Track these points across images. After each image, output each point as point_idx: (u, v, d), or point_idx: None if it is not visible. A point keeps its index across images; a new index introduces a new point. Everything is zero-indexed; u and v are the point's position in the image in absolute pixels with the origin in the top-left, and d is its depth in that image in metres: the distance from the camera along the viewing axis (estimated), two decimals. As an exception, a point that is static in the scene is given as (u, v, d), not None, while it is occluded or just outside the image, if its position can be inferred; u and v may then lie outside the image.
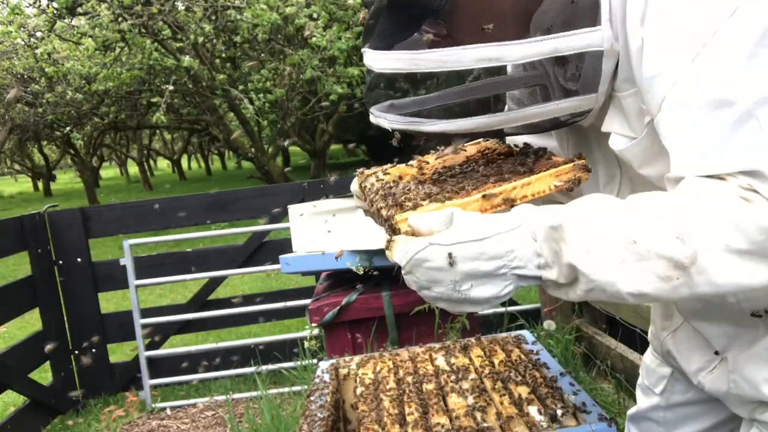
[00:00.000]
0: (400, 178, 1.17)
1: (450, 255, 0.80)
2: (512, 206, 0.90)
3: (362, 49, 1.01)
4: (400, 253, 0.83)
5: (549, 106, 0.97)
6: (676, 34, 0.83)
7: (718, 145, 0.78)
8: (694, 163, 0.81)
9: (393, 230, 0.93)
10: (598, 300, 0.83)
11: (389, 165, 1.26)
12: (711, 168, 0.79)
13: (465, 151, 1.26)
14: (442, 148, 1.31)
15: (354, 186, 1.27)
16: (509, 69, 1.16)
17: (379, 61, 0.96)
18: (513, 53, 0.90)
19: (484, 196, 0.91)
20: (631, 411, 1.44)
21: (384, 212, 0.97)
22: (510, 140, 1.33)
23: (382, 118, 1.02)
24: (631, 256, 0.76)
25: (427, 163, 1.24)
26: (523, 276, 0.82)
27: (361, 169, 1.29)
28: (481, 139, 1.29)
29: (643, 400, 1.41)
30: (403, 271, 0.83)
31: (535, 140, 1.26)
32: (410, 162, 1.27)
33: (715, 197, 0.76)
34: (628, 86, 0.93)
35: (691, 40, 0.81)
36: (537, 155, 1.09)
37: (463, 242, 0.80)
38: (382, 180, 1.14)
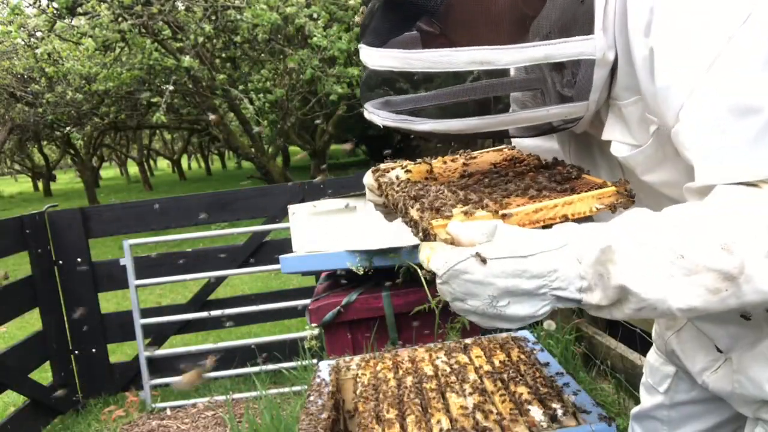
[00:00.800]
0: (427, 178, 1.15)
1: (488, 263, 0.78)
2: (551, 224, 0.88)
3: (359, 45, 1.01)
4: (439, 261, 0.81)
5: (540, 111, 0.98)
6: (688, 43, 0.82)
7: (746, 151, 0.78)
8: (724, 170, 0.80)
9: (425, 234, 0.90)
10: (645, 318, 0.82)
11: (409, 162, 1.25)
12: (743, 174, 0.78)
13: (474, 159, 1.26)
14: (461, 152, 1.31)
15: (369, 179, 1.25)
16: (512, 72, 1.16)
17: (373, 58, 0.96)
18: (505, 57, 0.90)
19: (526, 212, 0.88)
20: (634, 410, 1.45)
21: (415, 214, 0.95)
22: (517, 144, 1.33)
23: (375, 114, 1.02)
24: (679, 271, 0.75)
25: (446, 163, 1.24)
26: (563, 298, 0.80)
27: (386, 164, 1.27)
28: (506, 147, 1.29)
29: (647, 399, 1.41)
30: (438, 281, 0.81)
31: (538, 143, 1.26)
32: (430, 160, 1.26)
33: (753, 204, 0.76)
34: (629, 95, 0.93)
35: (706, 47, 0.81)
36: (577, 172, 1.07)
37: (506, 257, 0.78)
38: (405, 179, 1.12)
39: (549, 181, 1.01)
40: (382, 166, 1.28)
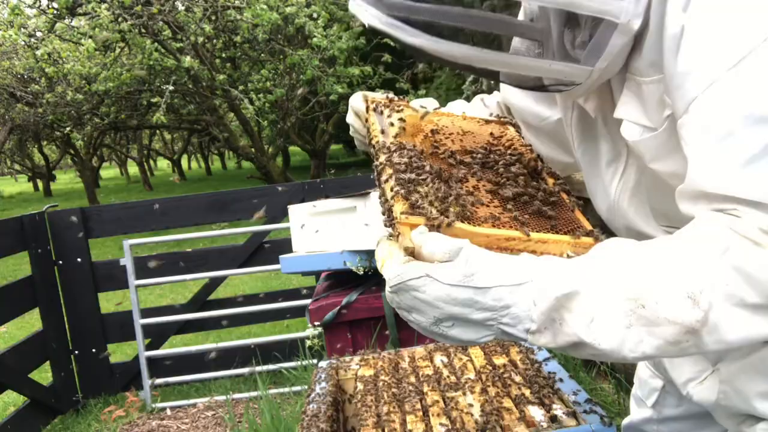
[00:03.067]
0: (425, 136, 1.07)
1: (440, 288, 0.75)
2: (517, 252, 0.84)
3: None
4: (392, 271, 0.79)
5: (540, 62, 0.90)
6: (722, 32, 0.75)
7: (746, 164, 0.71)
8: (717, 179, 0.74)
9: (390, 221, 0.87)
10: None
11: (406, 106, 1.12)
12: (735, 189, 0.72)
13: (472, 130, 1.15)
14: (464, 113, 1.20)
15: (358, 104, 1.17)
16: (521, 16, 1.07)
17: None
18: None
19: (498, 237, 0.85)
20: (625, 421, 1.44)
21: (389, 190, 0.90)
22: (512, 105, 1.27)
23: (363, 9, 0.87)
24: (638, 321, 0.72)
25: (443, 120, 1.14)
26: (509, 333, 0.78)
27: (382, 97, 1.17)
28: (510, 123, 1.21)
29: (636, 412, 1.40)
30: (388, 289, 0.80)
31: (543, 110, 1.21)
32: (425, 107, 1.15)
33: (727, 242, 0.71)
34: (653, 72, 0.85)
35: (738, 42, 0.74)
36: (568, 199, 1.00)
37: (461, 286, 0.75)
38: (397, 131, 1.04)
39: (532, 197, 0.96)
40: (378, 97, 1.17)
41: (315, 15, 8.54)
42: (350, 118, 1.21)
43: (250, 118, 10.53)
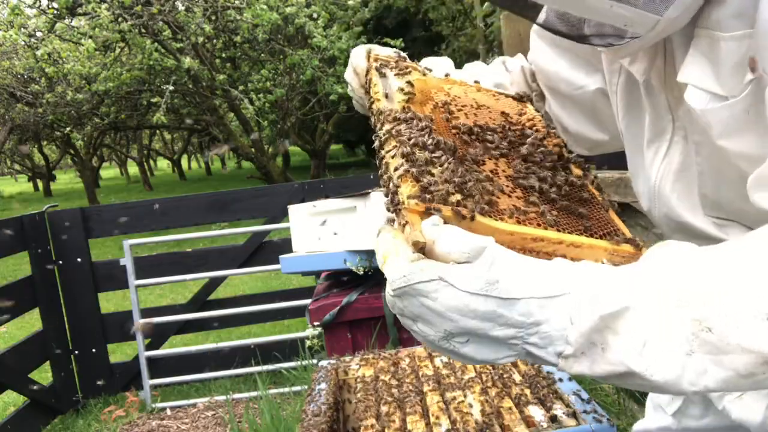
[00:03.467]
0: (435, 106, 0.93)
1: (457, 296, 0.61)
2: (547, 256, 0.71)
3: None
4: (395, 270, 0.64)
5: (602, 2, 0.72)
6: None
7: None
8: None
9: (394, 206, 0.72)
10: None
11: (415, 68, 1.00)
12: None
13: (488, 104, 1.01)
14: (475, 81, 1.08)
15: (360, 61, 1.05)
16: None
17: None
18: None
19: (524, 235, 0.71)
20: (638, 426, 1.30)
21: (393, 168, 0.76)
22: (540, 68, 1.12)
23: None
24: (702, 347, 0.57)
25: (454, 89, 1.01)
26: (535, 355, 0.64)
27: (387, 54, 1.06)
28: (528, 99, 1.08)
29: (653, 418, 1.25)
30: (389, 291, 0.65)
31: (579, 77, 1.07)
32: (430, 69, 1.04)
33: None
34: (739, 25, 0.68)
35: None
36: (601, 198, 0.86)
37: (483, 295, 0.61)
38: (406, 94, 0.91)
39: (560, 189, 0.83)
40: (383, 54, 1.04)
41: (315, 15, 8.55)
42: (349, 75, 1.08)
43: (250, 118, 10.53)
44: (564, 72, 1.08)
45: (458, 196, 0.70)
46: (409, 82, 0.94)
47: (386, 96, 0.93)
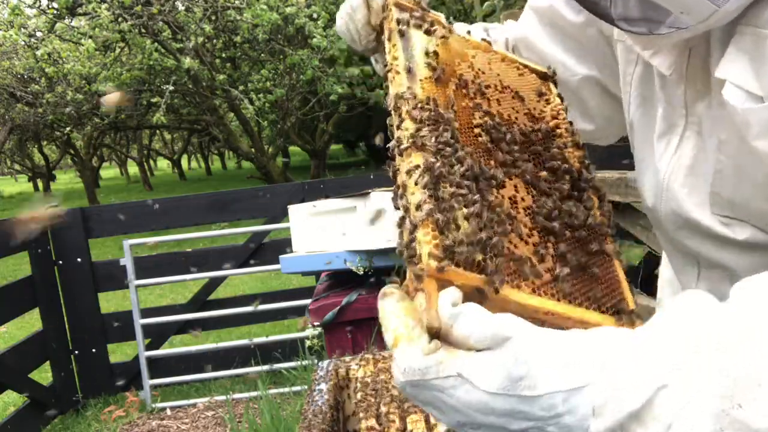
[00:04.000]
0: (447, 80, 0.83)
1: (475, 395, 0.56)
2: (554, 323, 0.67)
3: None
4: (408, 361, 0.58)
5: None
6: None
7: None
8: None
9: (409, 253, 0.65)
10: None
11: (443, 27, 0.89)
12: None
13: (510, 76, 0.93)
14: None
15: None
16: None
17: None
18: None
19: (535, 307, 0.66)
20: None
21: (414, 191, 0.68)
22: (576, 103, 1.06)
23: None
24: (732, 425, 0.51)
25: (479, 55, 0.91)
26: None
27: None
28: (551, 77, 1.00)
29: None
30: (398, 375, 0.60)
31: (572, 62, 1.04)
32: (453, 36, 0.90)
33: None
34: None
35: None
36: (606, 232, 0.81)
37: (506, 395, 0.56)
38: (424, 71, 0.82)
39: (574, 235, 0.77)
40: (407, 2, 0.92)
41: (315, 15, 8.55)
42: (356, 1, 0.97)
43: (250, 118, 10.54)
44: (558, 55, 1.05)
45: (481, 255, 0.63)
46: (435, 52, 0.83)
47: (408, 71, 0.81)
